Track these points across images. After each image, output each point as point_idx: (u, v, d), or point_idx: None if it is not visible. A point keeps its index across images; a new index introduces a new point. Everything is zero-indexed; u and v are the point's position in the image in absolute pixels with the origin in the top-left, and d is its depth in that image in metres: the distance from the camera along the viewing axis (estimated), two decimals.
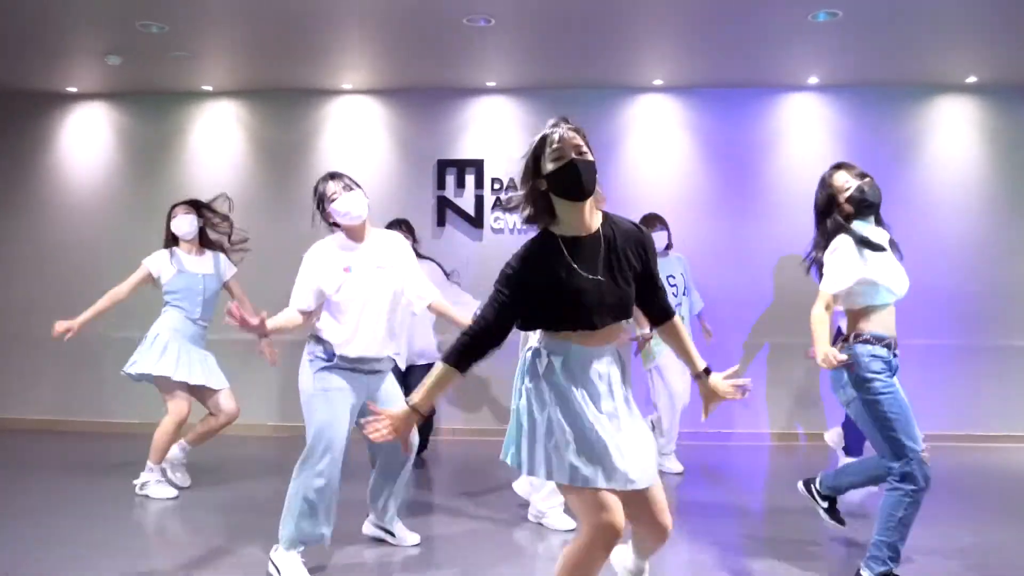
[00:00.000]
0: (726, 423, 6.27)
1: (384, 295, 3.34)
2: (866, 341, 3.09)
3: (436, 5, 4.81)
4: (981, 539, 3.67)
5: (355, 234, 3.38)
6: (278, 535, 3.22)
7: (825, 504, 3.56)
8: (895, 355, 3.14)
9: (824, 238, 3.21)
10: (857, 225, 3.18)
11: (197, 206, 4.75)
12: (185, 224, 4.67)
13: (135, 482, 4.53)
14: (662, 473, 5.44)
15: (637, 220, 4.83)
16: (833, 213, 3.20)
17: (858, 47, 5.56)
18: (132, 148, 6.78)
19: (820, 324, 3.09)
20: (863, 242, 3.12)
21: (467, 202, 6.55)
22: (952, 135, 6.41)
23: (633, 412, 2.40)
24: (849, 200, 3.19)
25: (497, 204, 6.49)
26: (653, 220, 5.34)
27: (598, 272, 2.32)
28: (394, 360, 3.46)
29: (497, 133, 6.57)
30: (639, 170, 6.50)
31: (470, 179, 6.56)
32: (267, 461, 5.21)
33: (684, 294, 5.42)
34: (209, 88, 6.59)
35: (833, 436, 5.46)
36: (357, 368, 3.31)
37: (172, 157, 6.74)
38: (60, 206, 6.80)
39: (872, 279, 3.10)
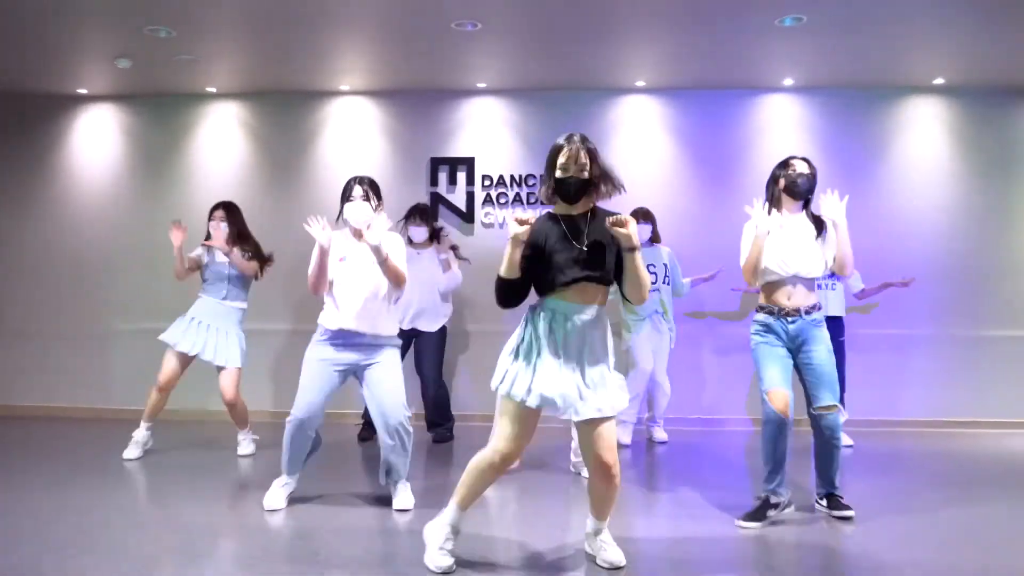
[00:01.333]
0: (715, 410, 6.54)
1: (367, 284, 3.85)
2: (758, 309, 3.86)
3: (425, 11, 5.08)
4: (955, 520, 3.83)
5: (357, 233, 3.94)
6: None
7: (825, 503, 3.89)
8: (788, 321, 3.73)
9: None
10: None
11: (228, 211, 5.36)
12: (213, 230, 5.29)
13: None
14: (650, 441, 5.81)
15: (648, 212, 5.27)
16: (773, 187, 3.97)
17: (827, 50, 5.81)
18: (140, 148, 7.05)
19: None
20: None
21: (459, 198, 6.82)
22: (921, 134, 6.68)
23: (600, 360, 2.96)
24: (787, 184, 3.93)
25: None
26: (638, 214, 5.72)
27: (582, 242, 2.97)
28: (382, 342, 3.89)
29: (487, 132, 6.84)
30: (623, 169, 6.34)
31: (462, 176, 6.83)
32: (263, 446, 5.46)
33: (664, 282, 5.76)
34: (213, 90, 6.87)
35: None
36: (344, 342, 3.85)
37: (178, 157, 7.01)
38: (70, 204, 7.06)
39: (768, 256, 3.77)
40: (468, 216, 6.80)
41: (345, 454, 5.42)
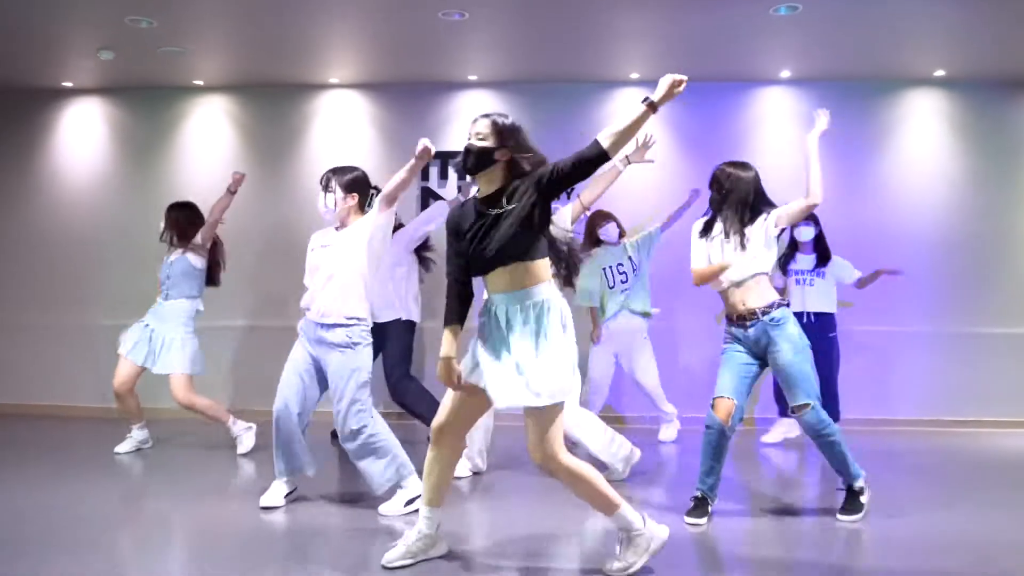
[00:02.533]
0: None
1: (328, 266, 3.86)
2: (786, 304, 3.76)
3: (411, 0, 4.98)
4: (952, 522, 3.75)
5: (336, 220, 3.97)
6: None
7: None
8: (744, 327, 3.68)
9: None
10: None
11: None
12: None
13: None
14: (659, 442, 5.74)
15: (609, 213, 5.09)
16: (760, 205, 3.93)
17: (824, 41, 5.71)
18: (127, 142, 6.96)
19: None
20: (706, 229, 3.91)
21: (450, 194, 6.69)
22: (921, 128, 6.57)
23: (529, 349, 2.83)
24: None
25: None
26: (597, 219, 5.62)
27: (482, 230, 2.90)
28: (347, 335, 3.79)
29: None
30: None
31: (453, 170, 6.73)
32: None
33: (635, 276, 5.59)
34: (200, 83, 6.78)
35: (777, 435, 5.72)
36: (309, 334, 3.86)
37: (165, 150, 6.92)
38: (55, 199, 6.98)
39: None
40: None
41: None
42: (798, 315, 5.29)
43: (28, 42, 5.76)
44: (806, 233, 5.57)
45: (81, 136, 6.99)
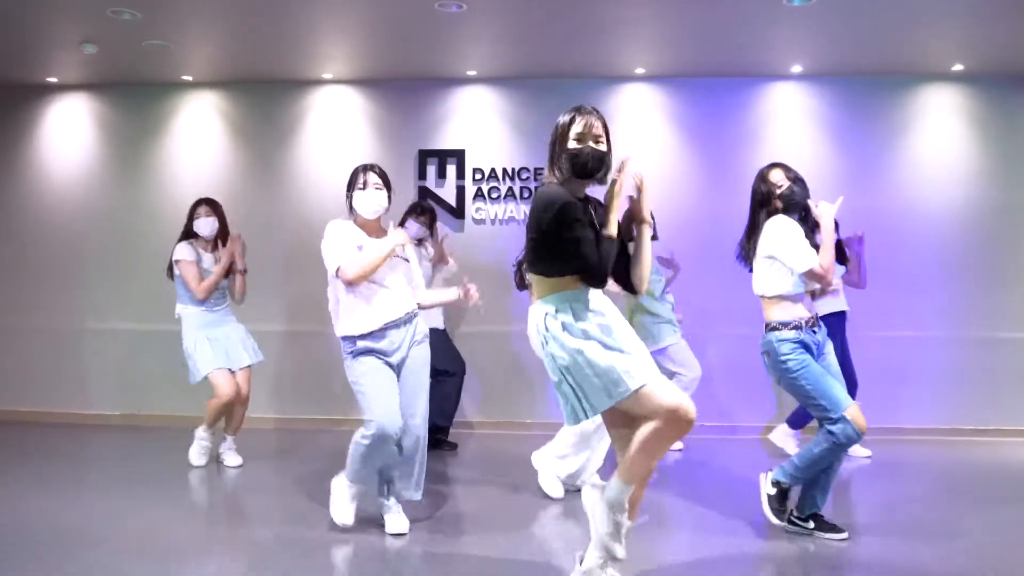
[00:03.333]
0: (723, 417, 6.22)
1: (392, 269, 3.64)
2: (773, 329, 3.48)
3: None
4: (969, 536, 3.59)
5: (368, 227, 3.66)
6: None
7: (812, 524, 3.55)
8: (813, 331, 3.48)
9: (756, 227, 3.59)
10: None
11: (217, 208, 5.09)
12: (206, 227, 5.00)
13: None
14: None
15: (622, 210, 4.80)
16: (768, 206, 3.58)
17: (839, 34, 5.50)
18: (114, 139, 6.76)
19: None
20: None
21: (448, 193, 6.51)
22: (938, 124, 6.34)
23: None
24: (780, 197, 3.55)
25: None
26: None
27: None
28: (418, 326, 3.70)
29: (479, 123, 6.53)
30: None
31: (451, 169, 6.53)
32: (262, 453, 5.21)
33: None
34: (189, 78, 6.57)
35: (779, 435, 5.49)
36: (379, 342, 3.59)
37: (155, 148, 6.72)
38: (40, 198, 6.78)
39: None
40: (458, 211, 6.50)
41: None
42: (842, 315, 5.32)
43: (9, 35, 5.55)
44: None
45: (67, 133, 6.78)
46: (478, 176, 6.51)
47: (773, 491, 3.57)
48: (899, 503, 4.22)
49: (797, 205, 3.52)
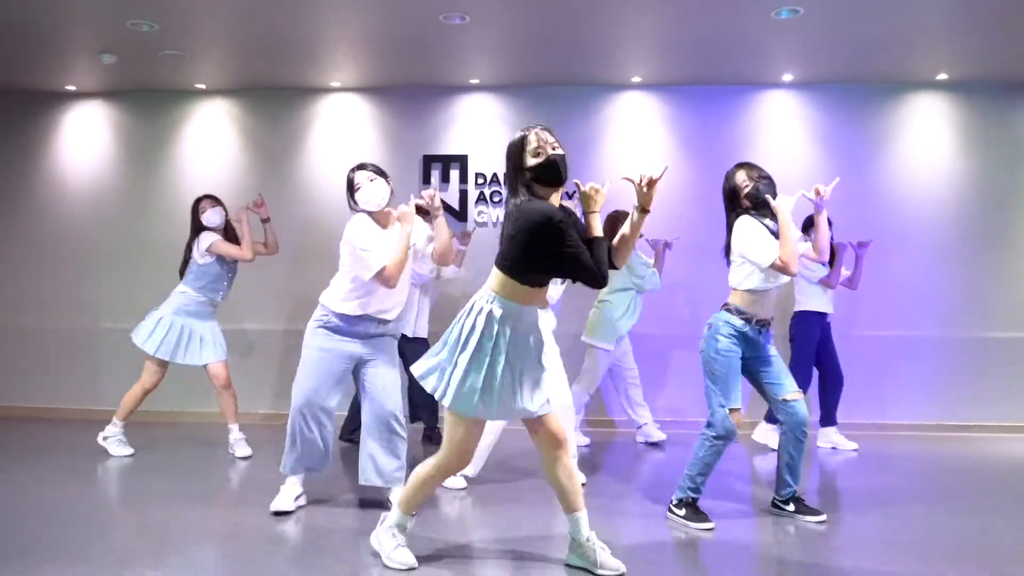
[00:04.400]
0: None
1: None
2: (727, 309, 3.73)
3: (411, 4, 4.97)
4: (955, 528, 3.72)
5: (379, 219, 3.81)
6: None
7: (792, 507, 3.78)
8: (759, 331, 3.70)
9: (729, 228, 3.79)
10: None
11: (219, 201, 5.28)
12: (216, 216, 5.20)
13: (101, 434, 5.26)
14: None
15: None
16: (736, 206, 3.75)
17: (826, 45, 5.68)
18: (129, 145, 6.96)
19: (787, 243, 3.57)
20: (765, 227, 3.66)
21: (452, 196, 6.71)
22: (924, 131, 6.53)
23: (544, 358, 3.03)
24: (747, 197, 3.69)
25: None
26: (621, 215, 5.54)
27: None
28: (390, 332, 3.92)
29: (481, 129, 6.73)
30: (618, 166, 6.57)
31: (455, 174, 6.72)
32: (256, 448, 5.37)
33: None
34: (202, 86, 6.78)
35: (761, 432, 5.67)
36: (353, 330, 3.82)
37: (168, 154, 6.92)
38: (58, 202, 6.98)
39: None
40: (461, 215, 6.69)
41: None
42: (821, 315, 5.53)
43: (31, 45, 5.77)
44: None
45: (84, 139, 6.99)
46: (480, 180, 6.71)
47: (682, 511, 3.70)
48: (882, 492, 4.37)
49: (763, 203, 3.65)
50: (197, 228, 5.23)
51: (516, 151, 2.88)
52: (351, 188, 3.81)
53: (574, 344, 5.67)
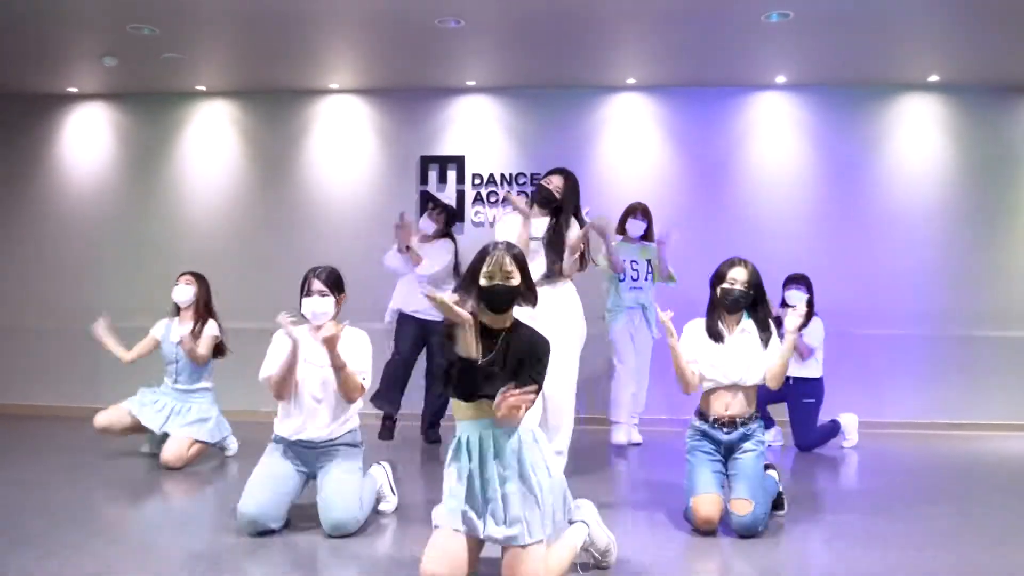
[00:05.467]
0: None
1: (324, 387, 3.56)
2: (695, 413, 3.72)
3: (407, 8, 5.05)
4: (943, 524, 3.72)
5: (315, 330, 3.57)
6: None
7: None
8: (724, 431, 3.60)
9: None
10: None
11: (200, 278, 5.10)
12: (184, 293, 5.01)
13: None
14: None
15: (614, 214, 4.93)
16: (712, 290, 3.72)
17: (817, 47, 5.73)
18: (131, 147, 7.03)
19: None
20: (709, 330, 3.67)
21: (449, 197, 6.74)
22: (916, 133, 6.58)
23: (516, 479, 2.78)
24: (720, 292, 3.67)
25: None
26: (636, 210, 5.68)
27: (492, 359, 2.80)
28: (341, 443, 3.61)
29: (478, 130, 6.79)
30: (613, 166, 6.70)
31: (452, 174, 6.78)
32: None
33: (647, 279, 5.65)
34: (203, 88, 6.85)
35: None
36: (297, 452, 3.59)
37: (169, 155, 6.99)
38: (59, 203, 7.06)
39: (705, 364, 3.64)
40: (458, 215, 6.72)
41: None
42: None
43: (33, 48, 5.84)
44: (796, 298, 5.21)
45: (85, 141, 7.07)
46: (477, 181, 6.77)
47: None
48: (876, 491, 4.43)
49: (728, 308, 3.64)
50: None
51: (476, 260, 2.87)
52: (303, 288, 3.63)
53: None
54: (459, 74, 6.47)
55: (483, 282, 2.81)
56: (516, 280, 2.83)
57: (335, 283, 3.64)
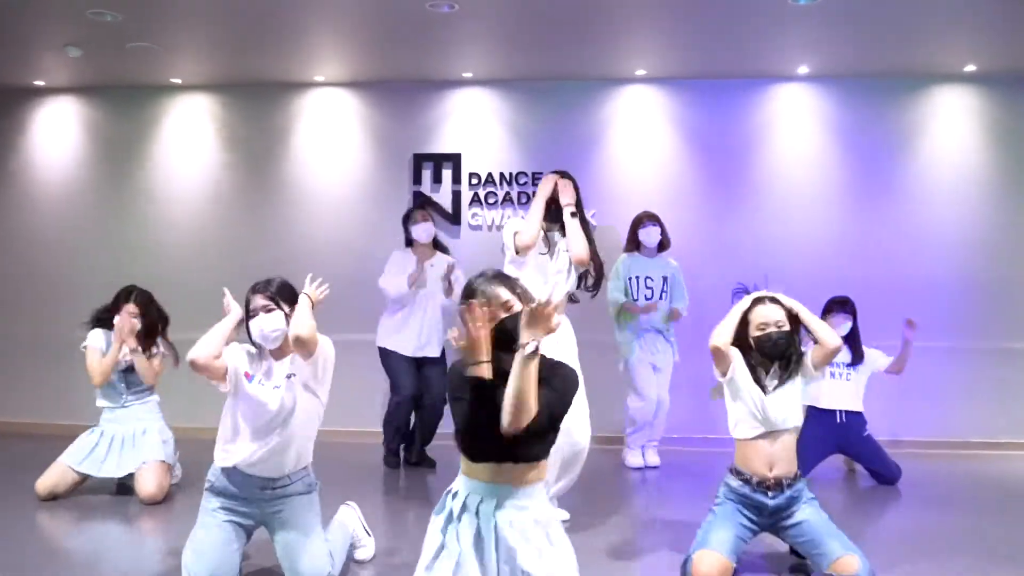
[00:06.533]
0: (709, 428, 6.03)
1: (282, 413, 3.03)
2: (730, 471, 3.22)
3: None
4: (981, 555, 3.40)
5: (275, 352, 3.10)
6: None
7: None
8: (770, 494, 3.11)
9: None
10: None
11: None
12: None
13: None
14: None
15: (622, 218, 4.48)
16: (739, 337, 3.27)
17: (847, 34, 5.33)
18: (103, 143, 6.63)
19: None
20: (753, 374, 3.22)
21: (444, 198, 6.34)
22: (950, 127, 6.14)
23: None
24: (756, 340, 3.23)
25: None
26: (645, 217, 5.32)
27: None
28: (296, 479, 3.12)
29: (475, 126, 6.38)
30: (622, 165, 6.29)
31: (447, 174, 6.36)
32: None
33: (661, 297, 5.26)
34: (178, 81, 6.44)
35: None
36: (241, 489, 3.08)
37: (144, 152, 6.58)
38: (27, 203, 6.66)
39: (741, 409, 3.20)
40: (454, 217, 6.33)
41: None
42: (830, 412, 4.89)
43: None
44: (843, 328, 4.90)
45: (54, 137, 6.66)
46: (474, 181, 6.35)
47: None
48: (904, 519, 4.06)
49: (772, 356, 3.22)
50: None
51: (466, 295, 2.45)
52: (247, 312, 3.11)
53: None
54: (454, 65, 6.05)
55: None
56: (517, 307, 2.37)
57: (282, 293, 3.10)
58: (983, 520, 4.05)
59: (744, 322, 3.25)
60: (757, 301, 3.26)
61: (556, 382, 2.32)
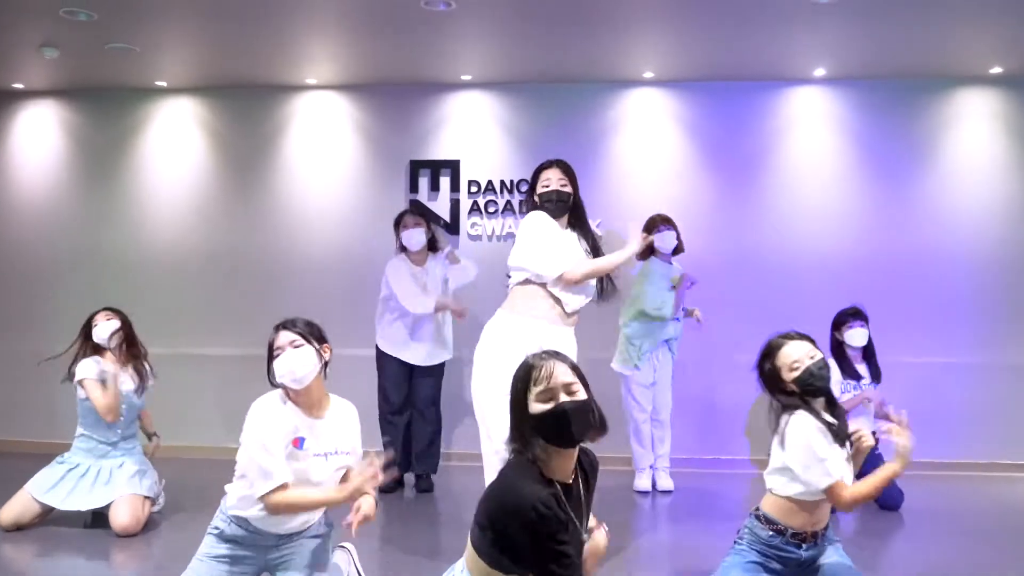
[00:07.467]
0: (718, 449, 5.77)
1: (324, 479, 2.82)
2: (756, 516, 2.87)
3: None
4: None
5: (303, 400, 2.80)
6: None
7: None
8: (800, 546, 2.80)
9: (777, 413, 2.90)
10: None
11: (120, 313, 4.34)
12: (105, 330, 4.22)
13: None
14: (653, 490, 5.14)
15: (631, 222, 4.19)
16: (777, 391, 2.89)
17: (867, 34, 5.08)
18: (85, 148, 6.39)
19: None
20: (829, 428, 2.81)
21: (442, 206, 6.10)
22: (974, 132, 5.89)
23: None
24: (796, 382, 2.83)
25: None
26: (658, 220, 5.08)
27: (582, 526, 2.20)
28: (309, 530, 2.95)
29: (474, 131, 6.13)
30: (629, 171, 6.05)
31: (445, 181, 6.12)
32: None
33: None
34: (163, 84, 6.20)
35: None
36: (256, 539, 2.87)
37: (127, 158, 6.35)
38: (6, 210, 6.44)
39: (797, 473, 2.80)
40: (452, 227, 6.09)
41: None
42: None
43: None
44: (859, 336, 4.69)
45: (34, 142, 6.43)
46: (474, 189, 6.10)
47: None
48: (926, 545, 3.86)
49: (816, 392, 2.84)
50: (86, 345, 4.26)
51: (520, 387, 2.15)
52: (270, 353, 2.81)
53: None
54: (452, 67, 5.80)
55: (538, 408, 2.10)
56: (582, 394, 2.12)
57: (311, 330, 2.85)
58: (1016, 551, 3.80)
59: (775, 373, 2.87)
60: (781, 341, 2.90)
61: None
